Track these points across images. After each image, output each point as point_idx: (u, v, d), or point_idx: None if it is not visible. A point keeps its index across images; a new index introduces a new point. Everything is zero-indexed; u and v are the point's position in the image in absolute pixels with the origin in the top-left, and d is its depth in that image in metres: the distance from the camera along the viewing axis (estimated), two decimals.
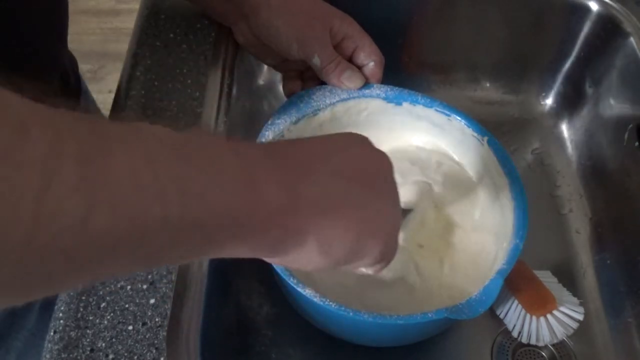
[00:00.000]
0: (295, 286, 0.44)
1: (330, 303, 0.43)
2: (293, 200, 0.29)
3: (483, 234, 0.54)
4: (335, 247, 0.32)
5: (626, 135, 0.62)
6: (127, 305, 0.43)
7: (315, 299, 0.43)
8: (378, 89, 0.56)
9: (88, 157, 0.21)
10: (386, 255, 0.36)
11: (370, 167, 0.35)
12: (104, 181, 0.21)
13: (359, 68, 0.56)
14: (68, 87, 0.59)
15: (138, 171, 0.22)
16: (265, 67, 0.68)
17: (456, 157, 0.58)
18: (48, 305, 0.45)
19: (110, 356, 0.41)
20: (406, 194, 0.55)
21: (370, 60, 0.55)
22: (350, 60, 0.56)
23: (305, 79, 0.59)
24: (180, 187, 0.24)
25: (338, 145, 0.35)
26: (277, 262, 0.33)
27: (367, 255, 0.34)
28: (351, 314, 0.43)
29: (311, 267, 0.33)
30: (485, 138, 0.53)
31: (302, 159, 0.32)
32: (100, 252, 0.22)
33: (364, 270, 0.37)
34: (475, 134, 0.54)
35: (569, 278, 0.60)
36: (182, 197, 0.24)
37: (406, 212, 0.53)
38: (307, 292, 0.44)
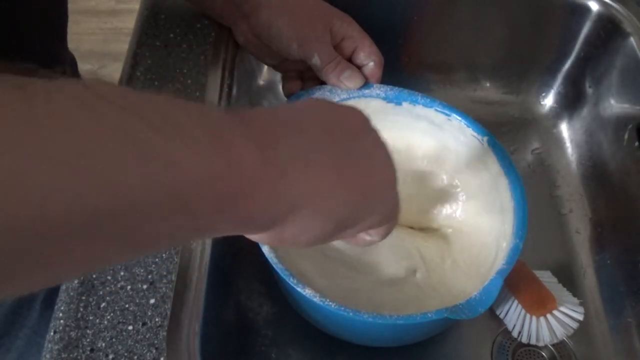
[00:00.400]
0: (295, 286, 0.44)
1: (330, 303, 0.43)
2: (274, 160, 0.26)
3: (483, 234, 0.54)
4: (334, 206, 0.29)
5: (626, 135, 0.62)
6: (127, 305, 0.43)
7: (315, 299, 0.43)
8: (378, 89, 0.56)
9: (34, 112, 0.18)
10: (391, 213, 0.33)
11: (350, 121, 0.33)
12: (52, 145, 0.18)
13: (359, 68, 0.56)
14: None
15: (90, 133, 0.20)
16: (265, 67, 0.68)
17: (455, 158, 0.58)
18: (50, 304, 0.46)
19: (110, 356, 0.41)
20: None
21: (370, 61, 0.56)
22: (350, 60, 0.56)
23: (305, 79, 0.59)
24: (144, 152, 0.21)
25: (309, 106, 0.33)
26: (275, 240, 0.29)
27: (372, 214, 0.31)
28: (351, 314, 0.43)
29: (311, 238, 0.30)
30: (485, 138, 0.53)
31: (274, 121, 0.29)
32: (65, 233, 0.19)
33: (367, 238, 0.34)
34: (475, 134, 0.54)
35: (569, 278, 0.60)
36: (147, 163, 0.21)
37: None
38: (307, 292, 0.44)
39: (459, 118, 0.55)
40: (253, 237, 0.30)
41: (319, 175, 0.28)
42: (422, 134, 0.58)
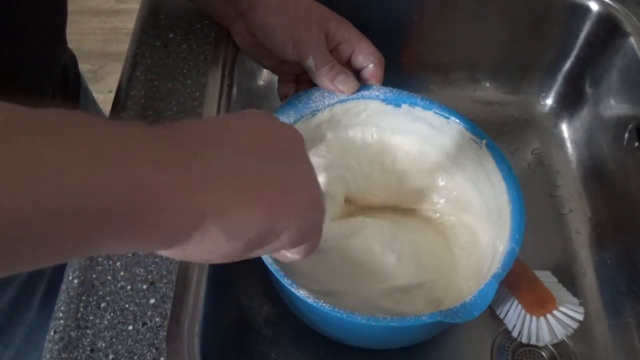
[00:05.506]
0: (289, 287, 0.44)
1: (323, 304, 0.43)
2: (181, 176, 0.26)
3: (480, 238, 0.54)
4: (242, 225, 0.28)
5: (626, 135, 0.62)
6: (127, 305, 0.44)
7: (308, 300, 0.43)
8: (377, 91, 0.56)
9: None
10: (307, 232, 0.32)
11: (283, 138, 0.33)
12: None
13: (358, 71, 0.56)
14: (67, 84, 0.59)
15: None
16: None
17: (454, 161, 0.58)
18: (48, 301, 0.45)
19: (110, 356, 0.41)
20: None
21: (369, 62, 0.55)
22: (348, 63, 0.56)
23: (300, 82, 0.59)
24: (33, 161, 0.21)
25: (242, 120, 0.33)
26: (180, 255, 0.29)
27: (283, 233, 0.31)
28: (344, 315, 0.43)
29: (220, 256, 0.29)
30: (484, 141, 0.53)
31: (199, 134, 0.29)
32: None
33: (289, 255, 0.34)
34: (474, 137, 0.54)
35: (569, 278, 0.60)
36: (34, 170, 0.21)
37: None
38: (300, 293, 0.43)
39: (458, 121, 0.55)
40: (160, 252, 0.29)
41: (228, 193, 0.28)
42: (421, 137, 0.58)
